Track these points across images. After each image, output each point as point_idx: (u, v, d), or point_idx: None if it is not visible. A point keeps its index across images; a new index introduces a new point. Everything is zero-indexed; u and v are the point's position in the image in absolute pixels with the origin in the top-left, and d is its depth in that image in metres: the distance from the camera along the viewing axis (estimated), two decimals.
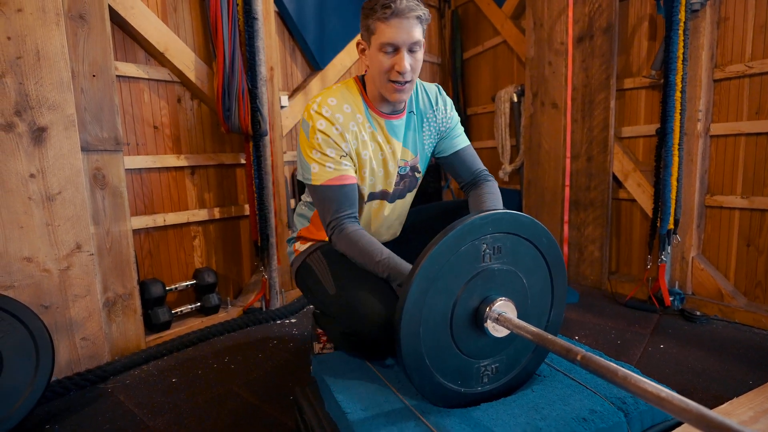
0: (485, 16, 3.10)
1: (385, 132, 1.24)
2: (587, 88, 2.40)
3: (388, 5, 1.06)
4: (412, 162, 1.31)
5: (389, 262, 1.08)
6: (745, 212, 1.97)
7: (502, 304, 0.89)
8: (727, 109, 2.00)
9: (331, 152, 1.15)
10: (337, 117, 1.15)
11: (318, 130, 1.13)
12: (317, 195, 1.18)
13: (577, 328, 1.94)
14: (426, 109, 1.30)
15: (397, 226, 1.43)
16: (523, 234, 0.92)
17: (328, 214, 1.17)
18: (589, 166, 2.44)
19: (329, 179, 1.15)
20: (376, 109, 1.22)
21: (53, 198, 1.54)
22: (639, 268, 2.37)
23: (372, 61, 1.14)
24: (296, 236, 1.40)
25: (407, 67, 1.09)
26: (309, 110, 1.16)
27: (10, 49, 1.43)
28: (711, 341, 1.76)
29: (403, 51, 1.09)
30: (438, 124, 1.32)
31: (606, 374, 0.67)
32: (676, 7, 1.89)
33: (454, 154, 1.35)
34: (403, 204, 1.37)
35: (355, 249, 1.13)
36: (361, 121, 1.20)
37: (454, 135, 1.35)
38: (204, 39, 2.10)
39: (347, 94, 1.20)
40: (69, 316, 1.59)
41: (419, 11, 1.08)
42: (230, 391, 1.52)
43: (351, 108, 1.18)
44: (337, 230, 1.16)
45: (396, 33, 1.07)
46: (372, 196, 1.29)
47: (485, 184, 1.32)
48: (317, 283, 1.24)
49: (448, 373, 0.91)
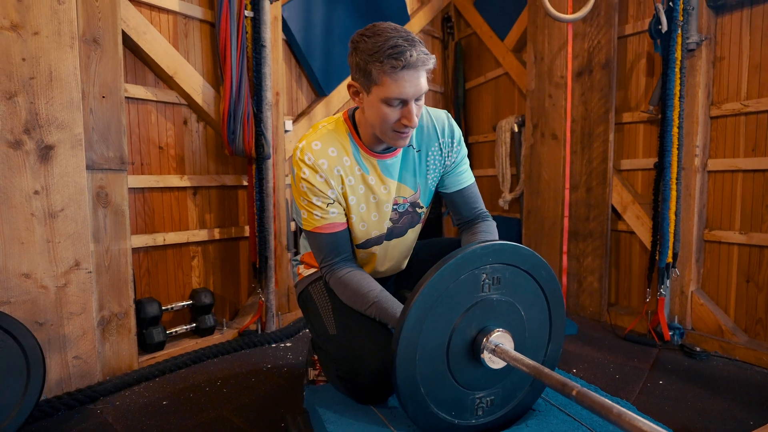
0: (487, 49, 3.19)
1: (379, 172, 1.17)
2: (586, 121, 2.44)
3: (398, 57, 0.95)
4: (412, 198, 1.24)
5: (378, 306, 1.08)
6: (744, 248, 1.97)
7: (500, 335, 0.89)
8: (724, 146, 2.03)
9: (317, 201, 1.12)
10: (320, 163, 1.10)
11: (302, 178, 1.11)
12: (310, 239, 1.21)
13: (576, 360, 1.92)
14: (431, 140, 1.21)
15: (401, 261, 1.38)
16: (522, 266, 0.93)
17: (319, 258, 1.20)
18: (588, 197, 2.46)
19: (317, 227, 1.15)
20: (367, 149, 1.15)
21: (55, 215, 1.55)
22: (638, 300, 2.35)
23: (372, 110, 1.05)
24: (300, 260, 1.40)
25: (416, 120, 1.03)
26: (294, 155, 1.13)
27: (24, 69, 1.47)
28: (711, 378, 1.73)
29: (411, 104, 1.02)
30: (443, 157, 1.24)
31: (601, 411, 0.66)
32: (673, 47, 1.95)
33: (458, 192, 1.28)
34: (403, 241, 1.31)
35: (346, 293, 1.14)
36: (349, 164, 1.14)
37: (460, 171, 1.27)
38: (212, 64, 2.16)
39: (334, 136, 1.14)
40: (63, 333, 1.58)
41: (429, 64, 1.00)
42: (221, 417, 1.49)
43: (337, 151, 1.12)
44: (328, 275, 1.18)
45: (406, 88, 0.98)
46: (368, 243, 1.24)
47: (483, 222, 1.28)
48: (317, 317, 1.22)
49: (443, 403, 0.90)
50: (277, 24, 2.27)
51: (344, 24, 2.67)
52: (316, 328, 1.23)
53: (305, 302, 1.31)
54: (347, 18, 2.68)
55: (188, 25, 2.08)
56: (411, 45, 0.97)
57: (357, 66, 1.03)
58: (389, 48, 0.96)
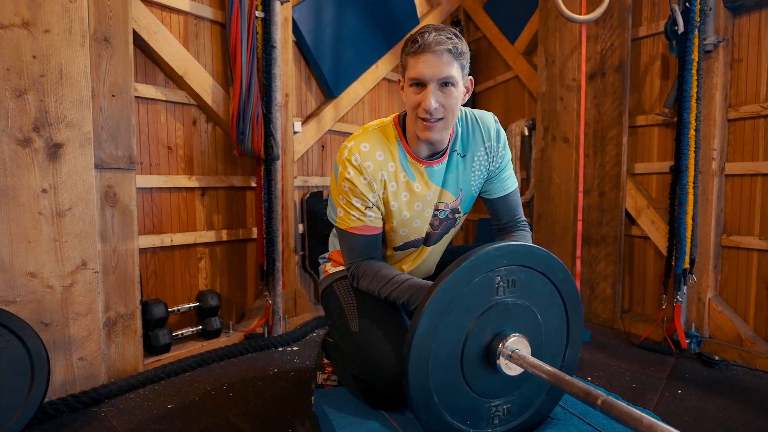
0: (497, 52, 3.16)
1: (426, 179, 1.16)
2: (599, 124, 2.40)
3: (416, 39, 1.02)
4: (453, 205, 1.23)
5: (411, 283, 1.08)
6: (763, 254, 1.92)
7: (516, 340, 0.85)
8: (743, 149, 1.98)
9: (357, 202, 1.12)
10: (366, 165, 1.10)
11: (346, 178, 1.11)
12: (341, 237, 1.20)
13: (590, 368, 1.87)
14: (477, 145, 1.19)
15: (431, 266, 1.37)
16: (538, 267, 0.89)
17: (349, 257, 1.19)
18: (601, 202, 2.41)
19: (352, 227, 1.15)
20: (414, 155, 1.14)
21: (63, 214, 1.54)
22: (653, 307, 2.30)
23: (405, 98, 1.10)
24: (328, 257, 1.39)
25: (432, 104, 1.01)
26: (341, 154, 1.13)
27: (34, 67, 1.46)
28: (732, 389, 1.67)
29: (430, 87, 1.02)
30: (489, 162, 1.21)
31: (629, 421, 0.62)
32: (689, 48, 1.91)
33: (501, 198, 1.26)
34: (439, 247, 1.31)
35: (377, 277, 1.12)
36: (394, 170, 1.13)
37: (505, 177, 1.25)
38: (222, 64, 2.15)
39: (383, 140, 1.14)
40: (68, 334, 1.56)
41: (449, 44, 1.00)
42: (227, 421, 1.46)
43: (384, 155, 1.12)
44: (355, 269, 1.17)
45: (422, 68, 1.01)
46: (406, 245, 1.25)
47: (520, 232, 1.26)
48: (340, 313, 1.20)
49: (457, 412, 0.86)
50: (287, 25, 2.27)
51: (354, 26, 2.66)
52: (338, 324, 1.21)
53: (328, 298, 1.29)
54: (357, 20, 2.67)
55: (199, 25, 2.08)
56: (435, 30, 1.02)
57: (400, 59, 1.10)
58: (414, 34, 1.04)
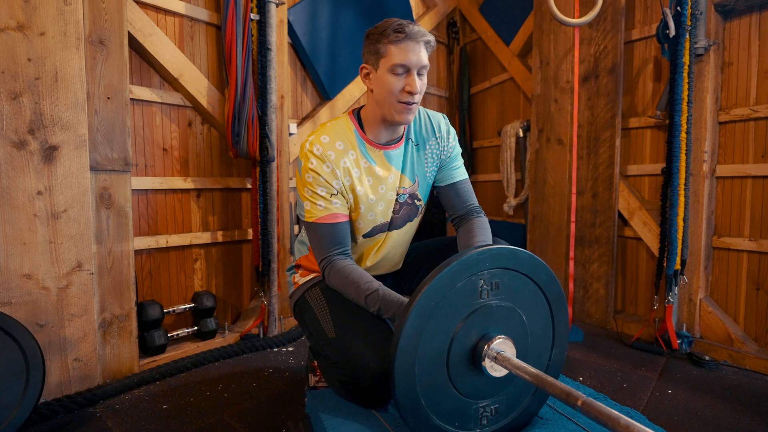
0: (493, 54, 3.18)
1: (385, 162, 1.27)
2: (593, 126, 2.42)
3: (401, 30, 1.12)
4: (411, 189, 1.32)
5: (380, 293, 1.08)
6: (753, 255, 1.94)
7: (501, 342, 0.87)
8: (733, 151, 2.00)
9: (321, 191, 1.17)
10: (328, 154, 1.17)
11: (309, 168, 1.17)
12: (310, 232, 1.22)
13: (582, 368, 1.88)
14: (428, 135, 1.33)
15: (399, 258, 1.41)
16: (521, 269, 0.91)
17: (320, 252, 1.21)
18: (594, 203, 2.43)
19: (320, 217, 1.18)
20: (372, 142, 1.25)
21: (58, 216, 1.55)
22: (645, 308, 2.32)
23: (380, 84, 1.17)
24: (295, 265, 1.40)
25: (418, 87, 1.14)
26: (303, 149, 1.19)
27: (29, 70, 1.47)
28: (721, 388, 1.69)
29: (413, 72, 1.14)
30: (440, 151, 1.34)
31: (607, 422, 0.64)
32: (681, 51, 1.93)
33: (451, 185, 1.36)
34: (402, 234, 1.36)
35: (347, 283, 1.14)
36: (355, 157, 1.22)
37: (454, 166, 1.37)
38: (218, 66, 2.16)
39: (340, 131, 1.22)
40: (63, 335, 1.57)
41: (428, 37, 1.16)
42: (221, 422, 1.47)
43: (344, 144, 1.21)
44: (328, 267, 1.19)
45: (408, 55, 1.13)
46: (374, 230, 1.29)
47: (477, 219, 1.32)
48: (315, 323, 1.22)
49: (446, 414, 0.88)
50: (282, 27, 2.28)
51: (350, 28, 2.67)
52: (314, 333, 1.22)
53: (301, 310, 1.31)
54: (353, 22, 2.68)
55: (194, 27, 2.09)
56: (412, 23, 1.15)
57: (368, 48, 1.18)
58: (395, 25, 1.13)
